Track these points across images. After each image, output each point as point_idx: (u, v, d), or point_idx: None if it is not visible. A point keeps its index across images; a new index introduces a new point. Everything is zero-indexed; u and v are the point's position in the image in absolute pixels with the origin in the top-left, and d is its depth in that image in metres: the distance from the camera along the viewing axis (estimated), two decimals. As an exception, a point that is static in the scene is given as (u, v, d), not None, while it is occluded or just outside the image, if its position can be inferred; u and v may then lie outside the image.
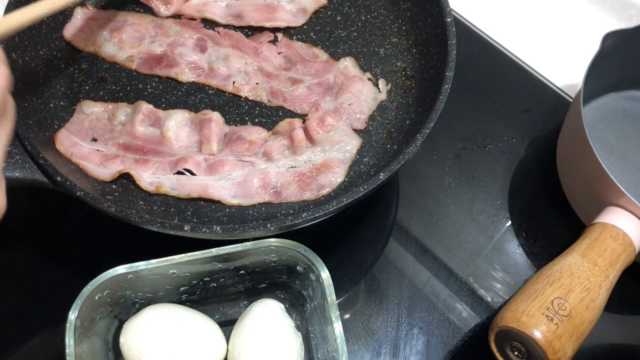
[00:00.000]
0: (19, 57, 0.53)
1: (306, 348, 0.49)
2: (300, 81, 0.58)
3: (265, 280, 0.50)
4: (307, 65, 0.59)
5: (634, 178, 0.60)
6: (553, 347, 0.42)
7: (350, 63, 0.59)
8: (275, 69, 0.59)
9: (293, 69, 0.59)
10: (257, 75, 0.59)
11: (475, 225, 0.59)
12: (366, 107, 0.57)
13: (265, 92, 0.57)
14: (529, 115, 0.67)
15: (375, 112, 0.57)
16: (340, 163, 0.53)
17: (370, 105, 0.57)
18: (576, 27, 0.75)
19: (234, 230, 0.44)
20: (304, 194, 0.52)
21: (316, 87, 0.58)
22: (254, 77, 0.58)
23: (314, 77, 0.59)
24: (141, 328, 0.44)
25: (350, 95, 0.57)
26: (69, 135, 0.53)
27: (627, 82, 0.65)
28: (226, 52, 0.59)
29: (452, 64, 0.53)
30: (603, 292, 0.46)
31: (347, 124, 0.55)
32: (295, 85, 0.58)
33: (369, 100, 0.57)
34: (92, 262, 0.54)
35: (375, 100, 0.57)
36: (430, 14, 0.59)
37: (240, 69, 0.58)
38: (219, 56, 0.59)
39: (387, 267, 0.56)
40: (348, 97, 0.56)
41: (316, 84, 0.58)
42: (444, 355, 0.52)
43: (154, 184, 0.51)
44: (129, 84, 0.58)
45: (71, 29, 0.59)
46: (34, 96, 0.54)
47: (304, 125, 0.55)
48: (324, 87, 0.58)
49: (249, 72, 0.59)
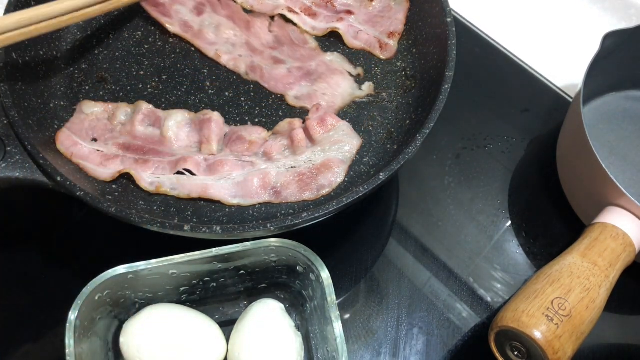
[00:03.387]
0: (19, 57, 0.53)
1: (306, 348, 0.49)
2: (282, 62, 0.59)
3: (265, 280, 0.50)
4: (294, 48, 0.60)
5: (634, 178, 0.60)
6: (553, 347, 0.42)
7: (337, 58, 0.60)
8: (262, 46, 0.60)
9: (279, 49, 0.60)
10: (242, 48, 0.60)
11: (475, 225, 0.59)
12: (340, 100, 0.57)
13: (245, 65, 0.58)
14: (529, 115, 0.67)
15: (375, 112, 0.57)
16: (340, 163, 0.53)
17: (345, 99, 0.57)
18: (576, 27, 0.75)
19: (234, 230, 0.44)
20: (303, 194, 0.52)
21: (296, 70, 0.59)
22: (239, 49, 0.59)
23: (296, 61, 0.59)
24: (141, 328, 0.44)
25: (326, 85, 0.57)
26: (69, 135, 0.53)
27: (627, 82, 0.65)
28: (220, 20, 0.61)
29: (452, 64, 0.53)
30: (603, 292, 0.46)
31: (348, 125, 0.55)
32: (277, 64, 0.59)
33: (344, 95, 0.58)
34: (92, 262, 0.54)
35: (351, 96, 0.58)
36: (430, 14, 0.59)
37: (228, 39, 0.60)
38: (212, 23, 0.61)
39: (387, 267, 0.56)
40: (324, 87, 0.57)
41: (297, 67, 0.59)
42: (444, 355, 0.52)
43: (154, 184, 0.51)
44: (129, 84, 0.58)
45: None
46: (34, 96, 0.54)
47: (304, 125, 0.55)
48: (303, 72, 0.59)
49: (235, 44, 0.60)
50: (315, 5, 0.63)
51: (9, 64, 0.51)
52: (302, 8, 0.63)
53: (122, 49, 0.60)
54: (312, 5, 0.63)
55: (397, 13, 0.62)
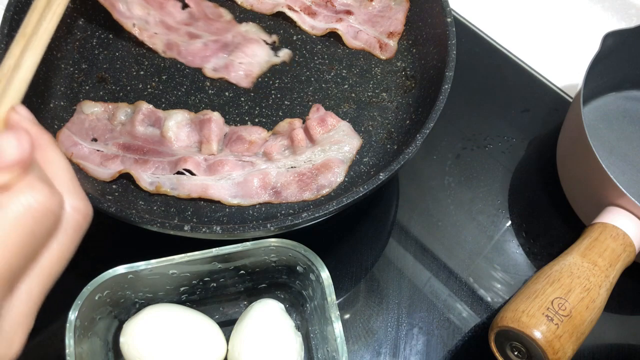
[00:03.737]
0: (19, 57, 0.53)
1: (306, 348, 0.49)
2: (198, 36, 0.60)
3: (265, 280, 0.50)
4: (209, 23, 0.61)
5: (634, 178, 0.60)
6: (553, 347, 0.42)
7: (252, 27, 0.61)
8: (177, 23, 0.61)
9: (194, 25, 0.61)
10: (157, 26, 0.60)
11: (475, 225, 0.59)
12: (257, 67, 0.59)
13: (162, 43, 0.59)
14: (529, 115, 0.67)
15: (375, 112, 0.57)
16: (340, 163, 0.53)
17: (262, 66, 0.59)
18: (576, 27, 0.75)
19: (234, 230, 0.44)
20: (303, 194, 0.52)
21: (212, 43, 0.59)
22: (154, 27, 0.60)
23: (212, 35, 0.60)
24: (141, 328, 0.44)
25: (242, 54, 0.58)
26: (69, 135, 0.53)
27: (627, 82, 0.65)
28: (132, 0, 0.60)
29: (452, 64, 0.53)
30: (603, 292, 0.46)
31: (348, 124, 0.55)
32: (193, 39, 0.60)
33: (261, 62, 0.59)
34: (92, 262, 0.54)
35: (268, 63, 0.59)
36: (430, 14, 0.59)
37: (142, 17, 0.60)
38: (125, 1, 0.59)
39: (387, 267, 0.56)
40: (240, 56, 0.58)
41: (213, 40, 0.60)
42: (444, 355, 0.52)
43: (154, 184, 0.51)
44: (129, 84, 0.58)
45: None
46: (34, 96, 0.54)
47: (304, 125, 0.55)
48: (220, 44, 0.59)
49: (150, 22, 0.60)
50: (315, 4, 0.63)
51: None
52: (302, 7, 0.63)
53: (122, 49, 0.60)
54: (312, 4, 0.63)
55: (397, 13, 0.62)
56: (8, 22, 0.52)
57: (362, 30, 0.61)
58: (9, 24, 0.52)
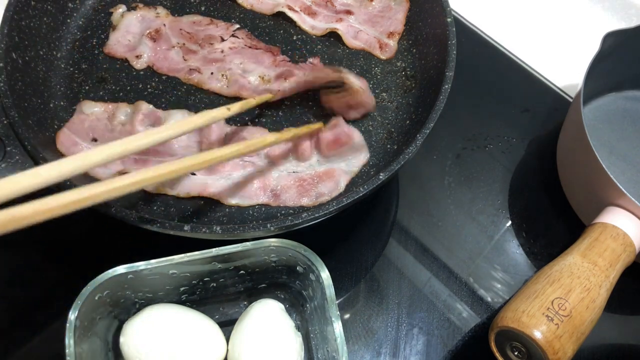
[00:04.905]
0: (18, 57, 0.53)
1: (306, 348, 0.49)
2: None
3: (265, 281, 0.50)
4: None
5: (634, 178, 0.60)
6: (553, 347, 0.42)
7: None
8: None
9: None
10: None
11: (475, 225, 0.59)
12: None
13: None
14: (529, 115, 0.67)
15: (375, 112, 0.57)
16: (344, 174, 0.53)
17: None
18: (576, 27, 0.75)
19: (234, 231, 0.44)
20: (302, 199, 0.52)
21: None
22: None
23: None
24: (141, 328, 0.44)
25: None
26: (69, 135, 0.53)
27: (627, 82, 0.65)
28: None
29: (452, 64, 0.53)
30: (603, 292, 0.46)
31: (361, 136, 0.54)
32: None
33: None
34: (92, 262, 0.54)
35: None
36: (430, 14, 0.59)
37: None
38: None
39: (387, 267, 0.56)
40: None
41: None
42: (444, 355, 0.52)
43: (154, 184, 0.51)
44: (129, 84, 0.58)
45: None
46: (34, 96, 0.54)
47: (317, 137, 0.53)
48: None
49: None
50: (315, 4, 0.63)
51: (9, 64, 0.51)
52: (302, 7, 0.63)
53: (122, 49, 0.60)
54: (312, 4, 0.63)
55: (397, 13, 0.62)
56: (8, 22, 0.52)
57: (362, 30, 0.61)
58: (8, 24, 0.52)
